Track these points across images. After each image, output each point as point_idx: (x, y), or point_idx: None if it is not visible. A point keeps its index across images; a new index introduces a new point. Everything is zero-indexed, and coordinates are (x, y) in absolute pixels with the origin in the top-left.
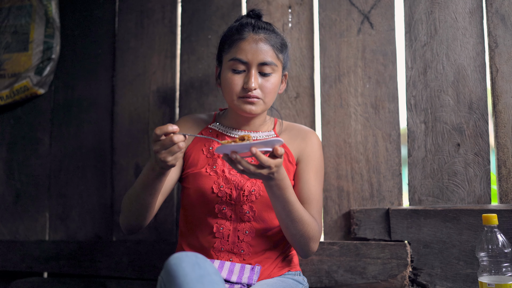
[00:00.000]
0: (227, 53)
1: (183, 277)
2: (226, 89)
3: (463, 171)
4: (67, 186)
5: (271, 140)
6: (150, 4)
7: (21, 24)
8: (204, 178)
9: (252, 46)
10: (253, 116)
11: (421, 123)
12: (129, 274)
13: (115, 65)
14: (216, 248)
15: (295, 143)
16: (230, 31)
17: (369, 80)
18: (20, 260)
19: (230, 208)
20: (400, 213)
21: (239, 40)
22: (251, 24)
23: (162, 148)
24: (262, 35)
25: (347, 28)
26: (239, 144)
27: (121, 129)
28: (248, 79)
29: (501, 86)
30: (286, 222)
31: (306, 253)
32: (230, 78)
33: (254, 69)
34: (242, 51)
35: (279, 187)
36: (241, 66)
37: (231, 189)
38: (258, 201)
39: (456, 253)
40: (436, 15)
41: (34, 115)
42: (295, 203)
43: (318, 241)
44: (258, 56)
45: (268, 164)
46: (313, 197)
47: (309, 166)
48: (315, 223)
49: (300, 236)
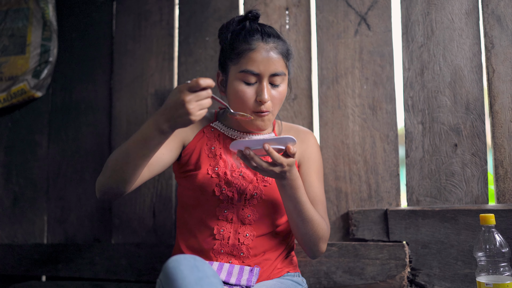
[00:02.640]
0: (235, 64)
1: (181, 280)
2: (238, 102)
3: (460, 172)
4: (65, 189)
5: (284, 138)
6: (147, 6)
7: (18, 27)
8: (206, 180)
9: (263, 57)
10: (258, 131)
11: (419, 123)
12: (128, 277)
13: (113, 67)
14: (215, 250)
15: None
16: (236, 38)
17: (366, 81)
18: (18, 263)
19: (231, 211)
20: (398, 213)
21: (249, 51)
22: (259, 31)
23: (195, 99)
24: (272, 44)
25: (344, 30)
26: (253, 140)
27: (119, 131)
28: (260, 91)
29: (498, 86)
30: (297, 222)
31: (315, 253)
32: (242, 91)
33: (266, 81)
34: (253, 62)
35: (291, 186)
36: (252, 78)
37: (233, 192)
38: (259, 204)
39: (454, 253)
40: (432, 16)
41: (32, 118)
42: (306, 203)
43: (327, 241)
44: (270, 67)
45: (280, 161)
46: (318, 198)
47: (311, 168)
48: (324, 223)
49: (310, 235)
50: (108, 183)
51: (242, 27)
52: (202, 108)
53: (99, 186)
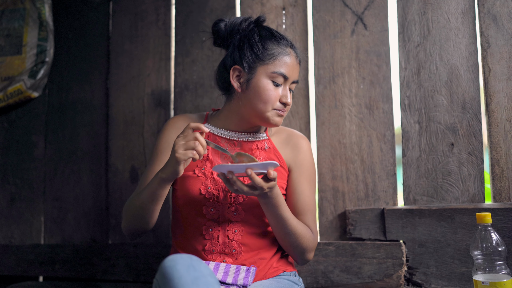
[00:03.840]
0: (268, 64)
1: (178, 279)
2: (263, 98)
3: (457, 171)
4: (62, 190)
5: (266, 163)
6: (144, 6)
7: (14, 28)
8: (192, 179)
9: (293, 63)
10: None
11: (415, 123)
12: (125, 277)
13: (110, 67)
14: (207, 250)
15: (286, 149)
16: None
17: (363, 81)
18: (15, 264)
19: (217, 209)
20: (395, 213)
21: (284, 55)
22: (285, 38)
23: (182, 140)
24: (296, 52)
25: (341, 29)
26: (236, 165)
27: (116, 132)
28: (285, 94)
29: (494, 85)
30: (281, 235)
31: (302, 261)
32: (270, 89)
33: (289, 85)
34: (286, 66)
35: (272, 204)
36: (281, 80)
37: (218, 190)
38: (245, 202)
39: (451, 252)
40: (429, 16)
41: (28, 118)
42: (289, 218)
43: (313, 251)
44: (295, 74)
45: (260, 186)
46: (308, 207)
47: (303, 175)
48: (309, 235)
49: (295, 247)
50: (133, 227)
51: (270, 30)
52: (187, 148)
53: (126, 231)
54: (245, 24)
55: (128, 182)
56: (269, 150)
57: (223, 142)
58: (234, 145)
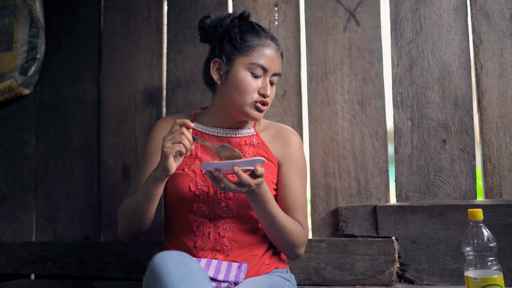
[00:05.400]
0: (246, 55)
1: (167, 276)
2: (241, 90)
3: (449, 167)
4: (54, 187)
5: (253, 160)
6: (136, 3)
7: (4, 24)
8: (182, 177)
9: (273, 54)
10: (253, 120)
11: (408, 120)
12: (117, 275)
13: (101, 64)
14: (198, 247)
15: (275, 144)
16: (247, 31)
17: (355, 78)
18: (7, 262)
19: (208, 206)
20: (387, 209)
21: (262, 46)
22: (265, 31)
23: (169, 135)
24: (278, 44)
25: (333, 26)
26: (222, 162)
27: (108, 129)
28: (265, 85)
29: (486, 82)
30: (270, 231)
31: (293, 257)
32: (249, 81)
33: (268, 77)
34: (265, 58)
35: (260, 200)
36: (260, 72)
37: (208, 186)
38: (235, 198)
39: (442, 248)
40: (421, 12)
41: (19, 116)
42: (278, 214)
43: (304, 246)
44: (275, 66)
45: (248, 183)
46: (298, 202)
47: (293, 170)
48: (300, 230)
49: (285, 243)
50: (130, 230)
51: (251, 24)
52: (174, 142)
53: (123, 234)
54: (228, 19)
55: (120, 179)
56: (258, 145)
57: (212, 140)
58: (222, 142)
